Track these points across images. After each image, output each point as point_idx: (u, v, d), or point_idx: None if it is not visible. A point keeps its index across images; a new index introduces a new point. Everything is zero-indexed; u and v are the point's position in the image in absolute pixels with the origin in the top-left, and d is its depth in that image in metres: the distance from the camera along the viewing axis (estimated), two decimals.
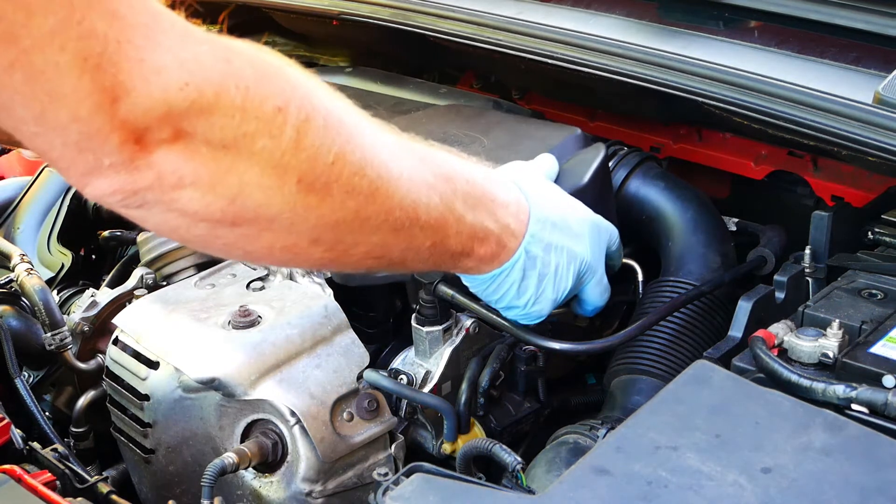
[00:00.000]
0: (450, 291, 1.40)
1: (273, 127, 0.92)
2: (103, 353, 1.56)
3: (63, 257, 1.84)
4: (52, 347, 1.57)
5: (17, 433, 1.37)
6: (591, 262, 1.32)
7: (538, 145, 1.49)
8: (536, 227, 1.26)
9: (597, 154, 1.48)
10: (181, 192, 0.91)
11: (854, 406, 1.08)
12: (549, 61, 1.58)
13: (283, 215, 0.97)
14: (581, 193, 1.38)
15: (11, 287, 1.65)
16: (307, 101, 0.96)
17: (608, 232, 1.37)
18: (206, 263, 1.63)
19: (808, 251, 1.45)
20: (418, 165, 1.10)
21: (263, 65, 0.94)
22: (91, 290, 1.68)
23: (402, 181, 1.06)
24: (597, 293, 1.35)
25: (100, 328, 1.63)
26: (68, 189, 1.93)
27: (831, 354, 1.16)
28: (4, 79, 0.80)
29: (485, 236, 1.20)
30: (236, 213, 0.95)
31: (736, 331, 1.35)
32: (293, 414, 1.33)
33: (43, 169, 1.99)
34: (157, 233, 0.99)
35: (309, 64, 2.22)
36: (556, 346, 1.35)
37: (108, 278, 1.76)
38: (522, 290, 1.27)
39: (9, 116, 0.84)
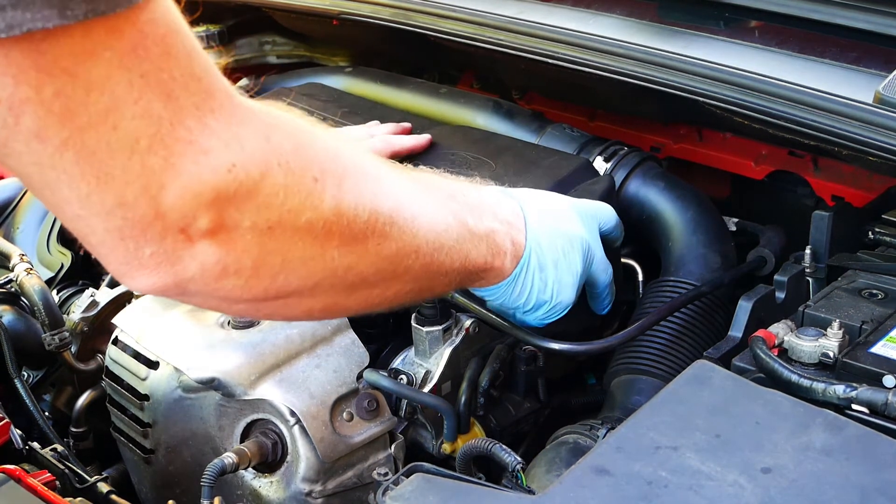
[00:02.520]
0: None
1: (314, 198, 0.91)
2: (103, 352, 1.56)
3: (63, 257, 1.84)
4: (52, 347, 1.57)
5: (16, 433, 1.37)
6: (591, 242, 1.34)
7: (546, 173, 1.50)
8: (531, 217, 1.28)
9: (603, 185, 1.49)
10: (224, 282, 0.89)
11: (854, 406, 1.08)
12: (550, 61, 1.58)
13: (324, 281, 0.97)
14: None
15: (11, 287, 1.65)
16: (338, 163, 0.95)
17: (594, 212, 1.38)
18: None
19: (808, 251, 1.45)
20: (428, 194, 1.12)
21: (298, 135, 0.93)
22: (91, 290, 1.68)
23: (424, 216, 1.07)
24: (601, 271, 1.37)
25: (99, 328, 1.62)
26: None
27: (831, 354, 1.16)
28: (55, 157, 0.78)
29: (499, 240, 1.22)
30: (279, 290, 0.94)
31: (736, 331, 1.35)
32: (293, 414, 1.33)
33: None
34: (199, 307, 1.02)
35: (309, 64, 2.22)
36: (556, 346, 1.35)
37: (107, 278, 1.75)
38: (545, 280, 1.28)
39: (53, 195, 0.82)
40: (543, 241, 1.28)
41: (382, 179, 1.03)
